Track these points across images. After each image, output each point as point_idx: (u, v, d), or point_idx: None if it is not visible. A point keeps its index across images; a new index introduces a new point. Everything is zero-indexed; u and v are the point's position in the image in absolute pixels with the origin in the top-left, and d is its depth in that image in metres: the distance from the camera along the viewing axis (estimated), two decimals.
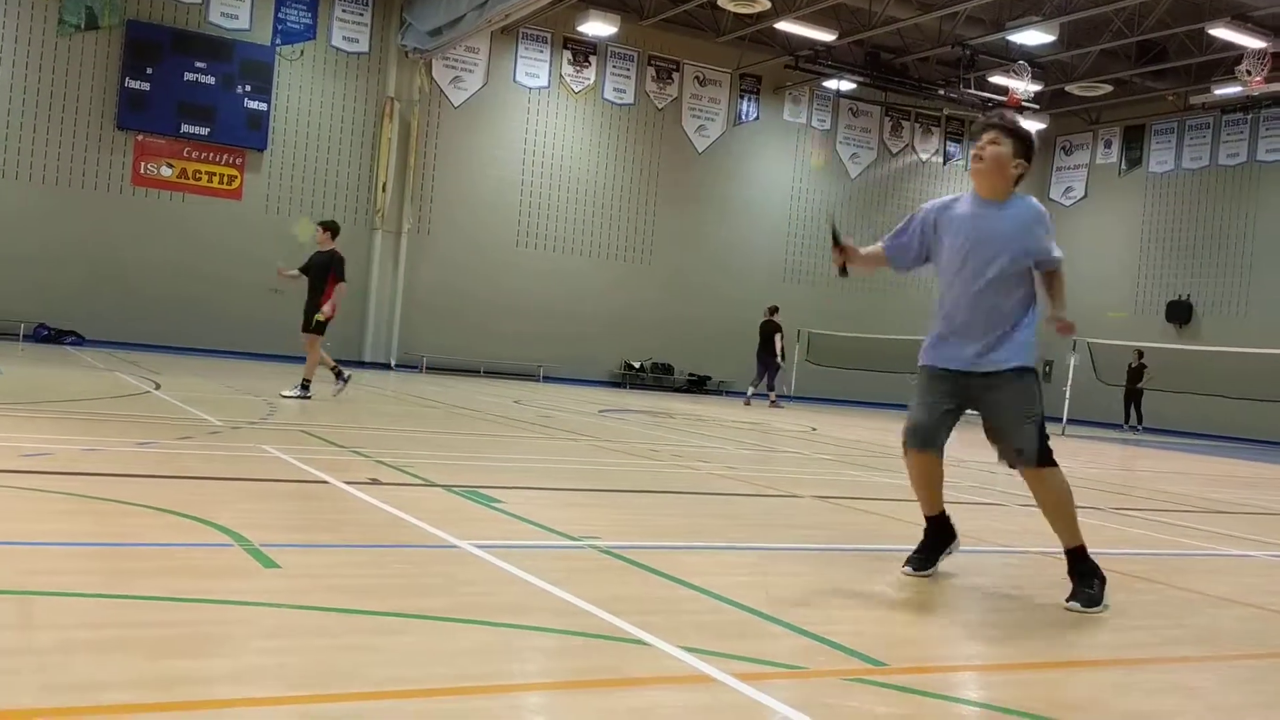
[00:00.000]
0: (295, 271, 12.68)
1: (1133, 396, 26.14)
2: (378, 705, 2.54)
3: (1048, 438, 4.52)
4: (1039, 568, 5.40)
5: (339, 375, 12.56)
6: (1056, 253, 4.57)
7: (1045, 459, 4.47)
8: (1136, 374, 26.05)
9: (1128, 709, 3.04)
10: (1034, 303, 4.59)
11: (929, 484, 4.76)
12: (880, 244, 4.94)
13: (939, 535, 4.79)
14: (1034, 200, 4.68)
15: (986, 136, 4.61)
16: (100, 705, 2.39)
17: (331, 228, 12.75)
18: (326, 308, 12.33)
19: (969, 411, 4.71)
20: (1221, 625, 4.32)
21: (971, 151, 4.67)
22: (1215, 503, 9.71)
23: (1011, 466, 4.61)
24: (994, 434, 4.61)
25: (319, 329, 12.43)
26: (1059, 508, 4.51)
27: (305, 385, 12.25)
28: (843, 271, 4.99)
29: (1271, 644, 4.08)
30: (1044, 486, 4.51)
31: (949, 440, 4.69)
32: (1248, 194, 27.15)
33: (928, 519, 4.81)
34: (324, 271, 12.44)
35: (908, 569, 4.72)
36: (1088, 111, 30.09)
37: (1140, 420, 25.91)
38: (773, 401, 21.92)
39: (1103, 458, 15.57)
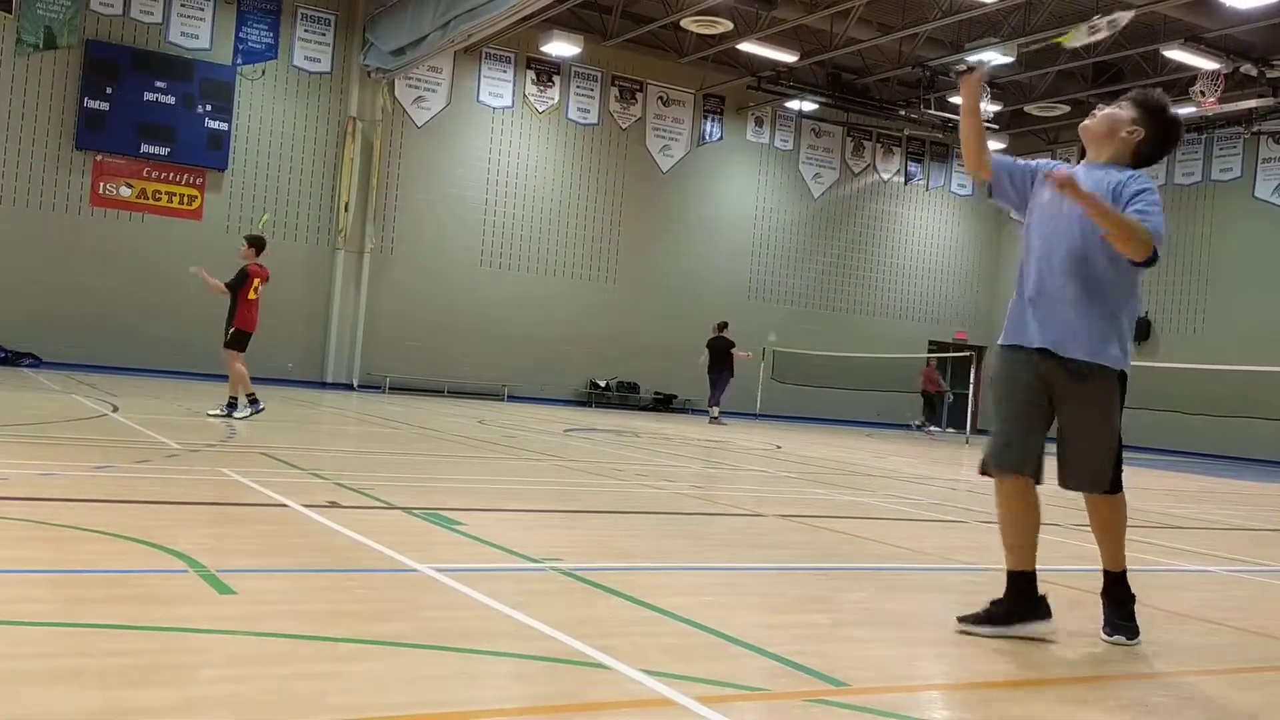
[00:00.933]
0: (218, 283, 12.32)
1: None
2: None
3: (1122, 461, 3.97)
4: (1001, 585, 5.41)
5: (232, 406, 12.14)
6: (1149, 220, 3.67)
7: (1117, 486, 3.98)
8: None
9: None
10: (1134, 294, 3.94)
11: (1019, 525, 4.00)
12: (993, 154, 4.15)
13: (1019, 599, 3.99)
14: (1145, 176, 3.90)
15: (1114, 102, 4.04)
16: None
17: (252, 242, 12.52)
18: (211, 279, 12.24)
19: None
20: (1180, 641, 4.35)
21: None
22: (1173, 517, 9.81)
23: (1070, 489, 3.99)
24: (1064, 447, 3.93)
25: (234, 343, 12.33)
26: (1117, 530, 4.09)
27: (231, 404, 12.12)
28: (968, 70, 4.11)
29: (1229, 660, 4.11)
30: (1108, 510, 4.04)
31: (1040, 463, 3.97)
32: (1202, 213, 27.58)
33: (1009, 574, 4.01)
34: (235, 286, 12.35)
35: (963, 624, 4.03)
36: (1046, 131, 30.46)
37: None
38: (715, 418, 21.88)
39: None
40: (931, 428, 27.02)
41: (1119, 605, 4.09)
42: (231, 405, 12.13)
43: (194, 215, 22.60)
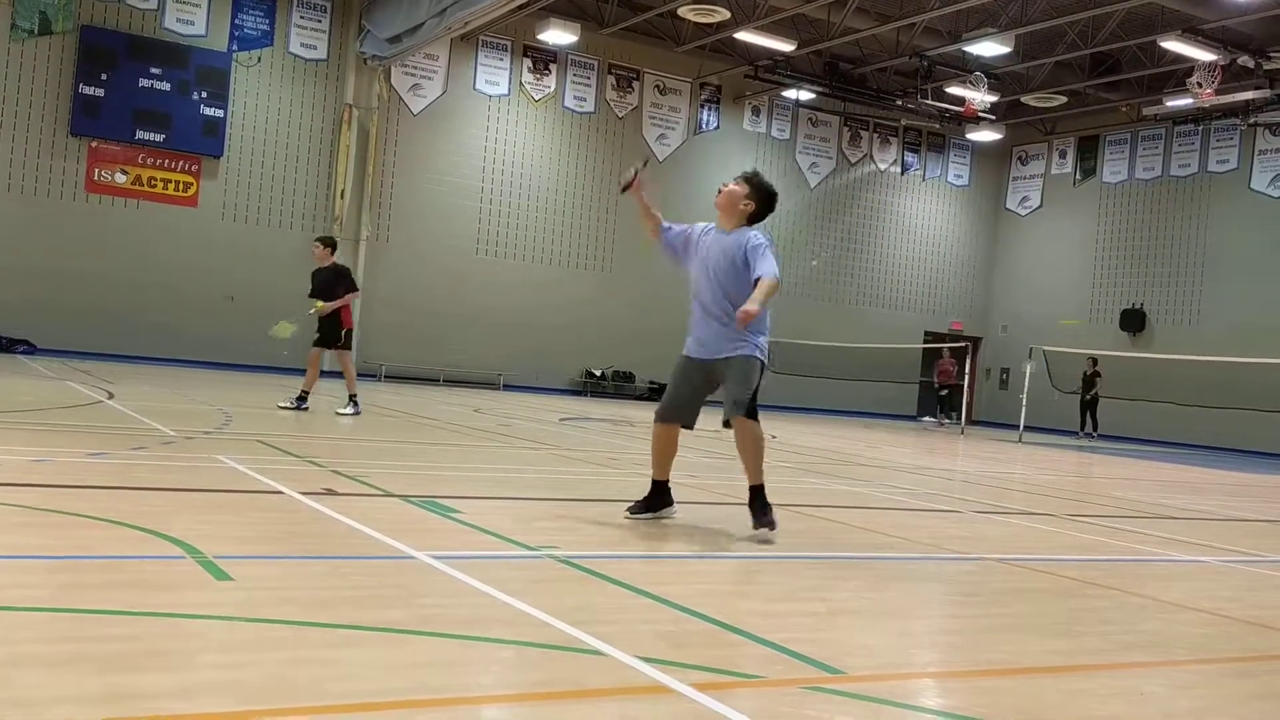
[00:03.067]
0: (341, 299, 12.54)
1: (1088, 404, 26.45)
2: None
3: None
4: (995, 574, 5.44)
5: (302, 399, 12.36)
6: (762, 269, 5.66)
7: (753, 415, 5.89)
8: (1090, 382, 26.37)
9: (1082, 714, 3.07)
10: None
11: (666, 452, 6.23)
12: (663, 222, 6.20)
13: (659, 496, 6.19)
14: (754, 232, 5.90)
15: (733, 180, 6.04)
16: None
17: (329, 243, 12.83)
18: (327, 306, 12.37)
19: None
20: (1173, 631, 4.37)
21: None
22: (1168, 508, 9.84)
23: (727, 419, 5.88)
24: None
25: (347, 343, 12.59)
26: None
27: (354, 400, 12.29)
28: (624, 189, 6.06)
29: (1222, 649, 4.13)
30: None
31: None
32: (1199, 204, 27.59)
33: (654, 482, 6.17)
34: (329, 286, 12.53)
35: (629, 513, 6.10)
36: (1043, 122, 30.46)
37: (1095, 428, 26.21)
38: None
39: (1058, 465, 15.73)
40: (942, 419, 27.13)
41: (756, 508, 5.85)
42: (354, 400, 12.29)
43: (189, 202, 22.53)
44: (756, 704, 2.92)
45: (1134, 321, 28.36)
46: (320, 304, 12.47)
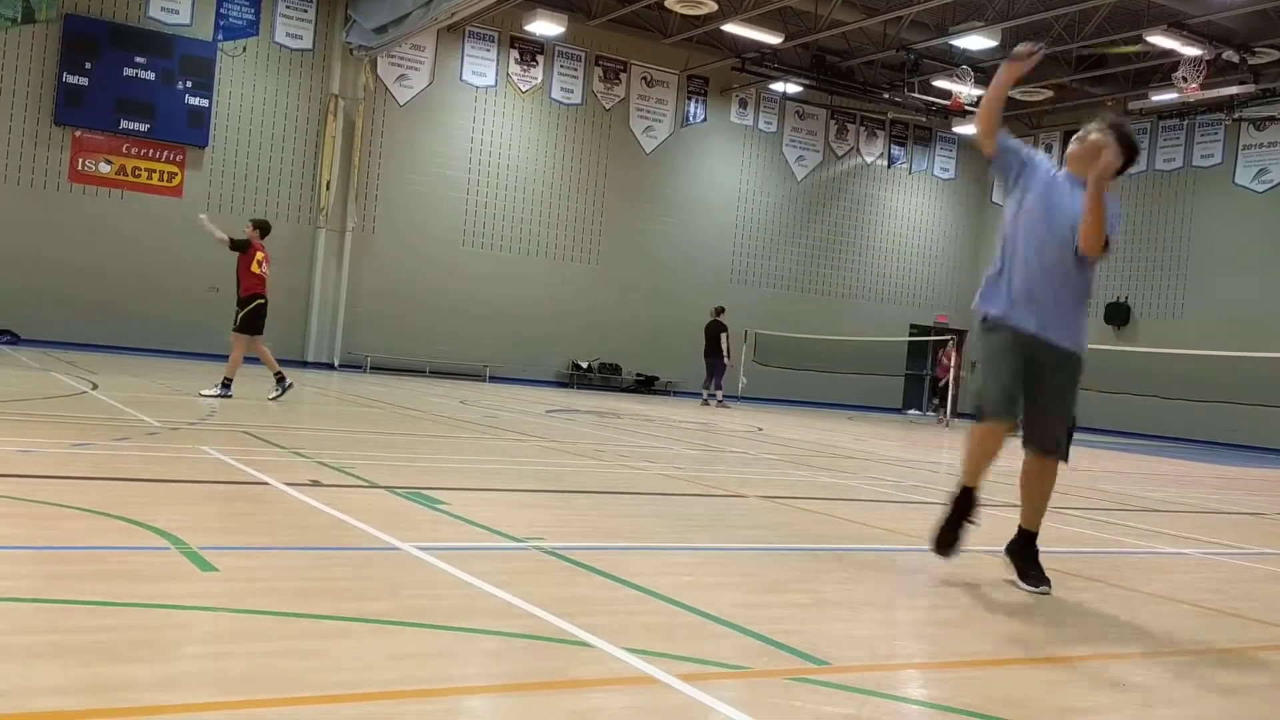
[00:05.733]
0: (223, 235, 12.23)
1: None
2: (316, 710, 2.50)
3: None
4: (980, 566, 5.46)
5: (280, 380, 12.30)
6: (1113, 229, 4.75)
7: (1066, 455, 4.81)
8: None
9: (1064, 705, 3.09)
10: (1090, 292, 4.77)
11: (993, 456, 4.70)
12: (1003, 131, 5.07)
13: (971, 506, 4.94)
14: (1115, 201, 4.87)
15: (1096, 129, 4.92)
16: (29, 712, 2.33)
17: (257, 225, 12.58)
18: (211, 225, 12.31)
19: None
20: (1156, 622, 4.40)
21: (1076, 135, 4.96)
22: (1151, 501, 9.89)
23: (1033, 450, 4.77)
24: (1039, 414, 4.69)
25: (241, 327, 12.36)
26: (1049, 495, 4.99)
27: (227, 384, 12.07)
28: (1027, 55, 5.04)
29: (1204, 640, 4.16)
30: (1053, 477, 4.90)
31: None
32: (1183, 199, 27.69)
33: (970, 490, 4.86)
34: (239, 249, 12.34)
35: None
36: (1029, 116, 30.51)
37: None
38: (720, 401, 22.05)
39: None
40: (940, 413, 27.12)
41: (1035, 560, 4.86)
42: (226, 385, 12.12)
43: (174, 193, 22.42)
44: (742, 695, 2.92)
45: (1118, 315, 28.46)
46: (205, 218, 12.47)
